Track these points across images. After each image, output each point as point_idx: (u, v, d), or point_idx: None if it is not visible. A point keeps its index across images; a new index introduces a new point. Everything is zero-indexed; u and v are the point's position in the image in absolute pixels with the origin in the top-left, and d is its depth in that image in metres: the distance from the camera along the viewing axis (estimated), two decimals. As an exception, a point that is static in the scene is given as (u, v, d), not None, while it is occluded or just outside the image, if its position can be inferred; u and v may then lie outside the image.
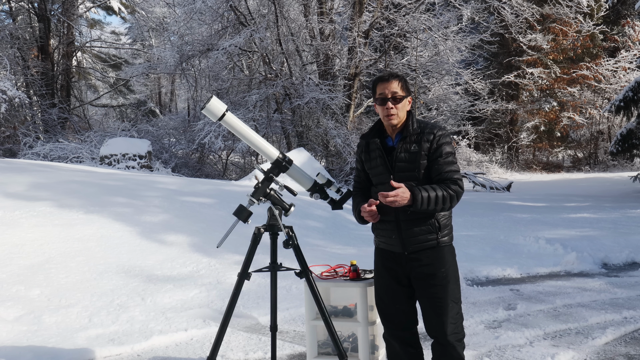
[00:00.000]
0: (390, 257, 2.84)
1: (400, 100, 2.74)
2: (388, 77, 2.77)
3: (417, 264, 2.76)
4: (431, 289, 2.75)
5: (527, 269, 6.40)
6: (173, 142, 20.01)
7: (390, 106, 2.73)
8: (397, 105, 2.74)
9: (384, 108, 2.75)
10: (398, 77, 2.78)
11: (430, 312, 2.78)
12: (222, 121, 2.94)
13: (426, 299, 2.78)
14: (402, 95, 2.75)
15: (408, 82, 2.89)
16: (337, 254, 6.54)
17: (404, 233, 2.74)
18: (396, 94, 2.74)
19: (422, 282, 2.76)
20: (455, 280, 2.79)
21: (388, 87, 2.75)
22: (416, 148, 2.72)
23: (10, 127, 17.38)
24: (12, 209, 6.22)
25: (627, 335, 4.24)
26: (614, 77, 23.02)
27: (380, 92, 2.77)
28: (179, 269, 5.52)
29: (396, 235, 2.76)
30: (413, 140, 2.74)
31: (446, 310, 2.73)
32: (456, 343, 2.77)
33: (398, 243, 2.77)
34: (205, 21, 17.60)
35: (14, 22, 21.65)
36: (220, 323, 3.01)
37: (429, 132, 2.74)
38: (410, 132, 2.76)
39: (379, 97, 2.77)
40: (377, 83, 2.80)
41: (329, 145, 16.15)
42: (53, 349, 3.80)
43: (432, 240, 2.74)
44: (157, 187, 8.43)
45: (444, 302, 2.73)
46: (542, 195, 14.79)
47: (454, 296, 2.76)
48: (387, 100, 2.74)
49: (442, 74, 18.51)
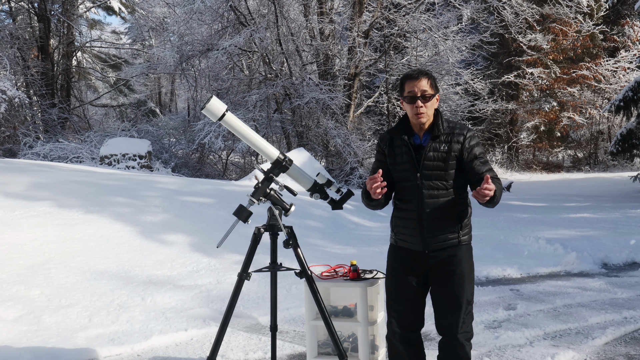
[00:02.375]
0: (409, 255, 2.82)
1: (429, 99, 2.70)
2: (417, 75, 2.72)
3: (436, 262, 2.75)
4: (448, 286, 2.75)
5: (527, 269, 6.41)
6: (173, 142, 20.00)
7: (420, 104, 2.68)
8: (426, 103, 2.70)
9: (413, 106, 2.70)
10: (427, 75, 2.73)
11: (443, 308, 2.78)
12: (222, 121, 2.94)
13: (441, 296, 2.78)
14: (431, 93, 2.71)
15: (436, 79, 2.85)
16: (337, 254, 6.55)
17: (427, 232, 2.73)
18: (425, 92, 2.70)
19: (440, 279, 2.76)
20: (470, 279, 2.79)
21: (417, 85, 2.70)
22: (446, 148, 2.70)
23: (10, 127, 17.36)
24: (12, 209, 6.22)
25: (627, 335, 4.24)
26: (614, 77, 23.00)
27: (410, 90, 2.71)
28: (179, 269, 5.52)
29: (418, 234, 2.75)
30: (443, 140, 2.71)
31: (460, 308, 2.74)
32: (465, 342, 2.77)
33: (419, 241, 2.76)
34: (205, 21, 17.58)
35: (14, 22, 21.63)
36: (220, 323, 3.02)
37: (459, 133, 2.71)
38: (441, 132, 2.72)
39: (408, 95, 2.72)
40: (405, 81, 2.74)
41: (329, 145, 16.14)
42: (53, 349, 3.80)
43: (454, 239, 2.74)
44: (157, 187, 8.43)
45: (458, 299, 2.73)
46: (542, 195, 14.79)
47: (469, 295, 2.77)
48: (417, 99, 2.69)
49: (442, 74, 18.47)
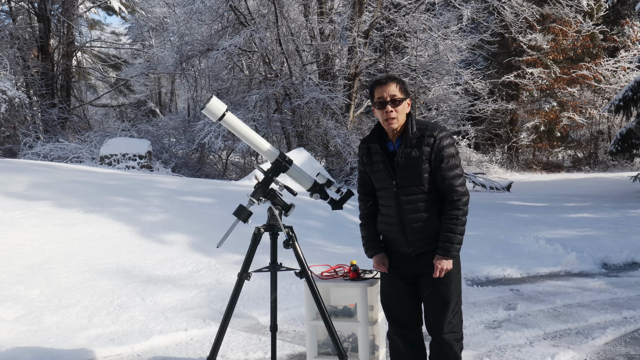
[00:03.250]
0: (397, 256, 2.86)
1: (399, 103, 2.69)
2: (386, 80, 2.71)
3: (422, 264, 2.77)
4: (434, 287, 2.77)
5: (527, 269, 6.40)
6: (173, 142, 20.01)
7: (390, 109, 2.67)
8: (397, 108, 2.68)
9: (384, 112, 2.69)
10: (396, 80, 2.72)
11: (430, 309, 2.81)
12: (222, 121, 2.94)
13: (428, 297, 2.81)
14: (401, 97, 2.70)
15: (406, 83, 2.85)
16: (337, 254, 6.54)
17: (410, 236, 2.75)
18: (395, 96, 2.68)
19: (427, 280, 2.78)
20: (457, 280, 2.81)
21: (386, 90, 2.69)
22: (417, 153, 2.66)
23: (10, 127, 17.36)
24: (12, 209, 6.22)
25: (627, 335, 4.24)
26: (614, 77, 23.00)
27: (379, 95, 2.71)
28: (179, 269, 5.52)
29: (402, 237, 2.77)
30: (413, 145, 2.68)
31: (446, 309, 2.75)
32: (453, 342, 2.79)
33: (404, 244, 2.78)
34: (205, 21, 17.59)
35: (14, 22, 21.64)
36: (220, 323, 3.02)
37: (429, 135, 2.67)
38: (410, 137, 2.69)
39: (377, 100, 2.71)
40: (374, 87, 2.74)
41: (329, 145, 16.15)
42: (53, 349, 3.80)
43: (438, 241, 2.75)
44: (157, 187, 8.42)
45: (444, 300, 2.76)
46: (542, 195, 14.78)
47: (455, 296, 2.78)
48: (386, 104, 2.68)
49: (442, 74, 18.50)
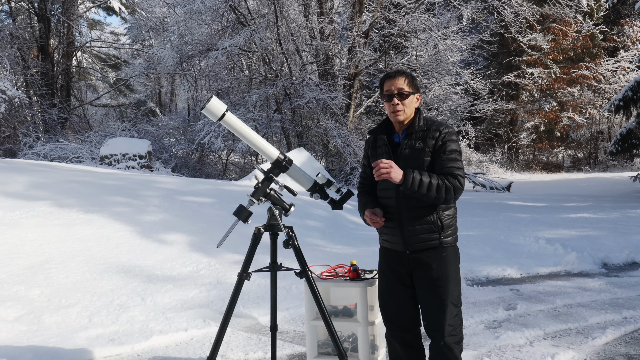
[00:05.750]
0: (393, 256, 2.85)
1: (406, 97, 2.75)
2: (394, 74, 2.79)
3: (418, 264, 2.76)
4: (431, 289, 2.75)
5: (527, 269, 6.40)
6: (173, 142, 19.99)
7: (396, 102, 2.74)
8: (404, 101, 2.75)
9: (390, 104, 2.76)
10: (405, 74, 2.79)
11: (429, 312, 2.78)
12: (222, 121, 2.94)
13: (426, 300, 2.78)
14: (409, 91, 2.76)
15: (416, 79, 2.89)
16: (337, 254, 6.54)
17: (407, 232, 2.74)
18: (402, 90, 2.75)
19: (423, 282, 2.76)
20: (456, 282, 2.78)
21: (394, 84, 2.76)
22: (421, 145, 2.72)
23: (10, 127, 17.36)
24: (12, 209, 6.22)
25: (627, 335, 4.24)
26: (614, 77, 23.01)
27: (387, 88, 2.78)
28: (179, 269, 5.52)
29: (398, 234, 2.77)
30: (418, 137, 2.74)
31: (445, 311, 2.73)
32: (453, 345, 2.76)
33: (400, 241, 2.77)
34: (205, 21, 17.57)
35: (14, 22, 21.63)
36: (220, 323, 3.02)
37: (435, 129, 2.74)
38: (416, 129, 2.76)
39: (385, 93, 2.79)
40: (384, 80, 2.82)
41: (329, 145, 16.14)
42: (53, 349, 3.80)
43: (435, 240, 2.73)
44: (157, 187, 8.42)
45: (443, 302, 2.73)
46: (542, 195, 14.78)
47: (454, 298, 2.76)
48: (393, 96, 2.75)
49: (442, 73, 18.49)
